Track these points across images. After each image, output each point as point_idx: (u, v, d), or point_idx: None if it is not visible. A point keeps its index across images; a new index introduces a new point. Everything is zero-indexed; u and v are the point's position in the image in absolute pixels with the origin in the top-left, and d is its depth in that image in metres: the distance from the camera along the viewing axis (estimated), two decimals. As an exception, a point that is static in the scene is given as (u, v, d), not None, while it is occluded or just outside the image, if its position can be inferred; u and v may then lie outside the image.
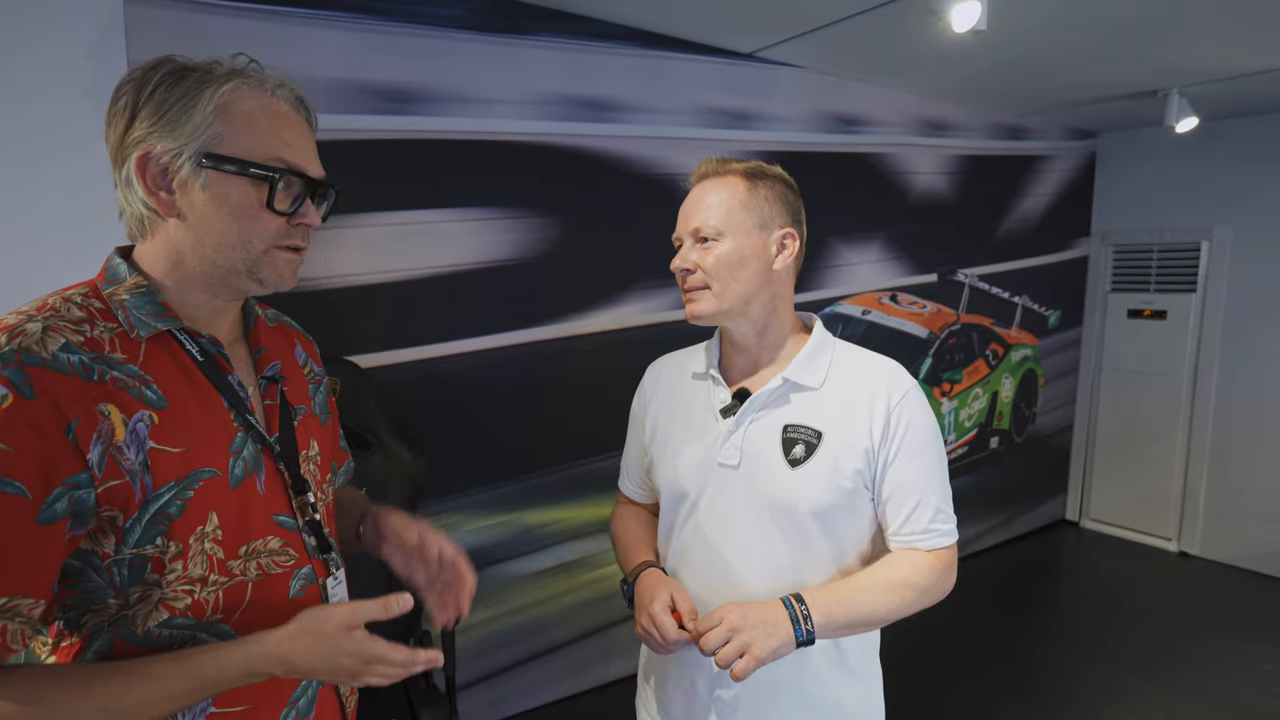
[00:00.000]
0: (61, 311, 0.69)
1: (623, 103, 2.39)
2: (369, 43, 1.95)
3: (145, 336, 0.72)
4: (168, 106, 0.69)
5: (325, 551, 0.83)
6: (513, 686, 2.41)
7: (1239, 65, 2.73)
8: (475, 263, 2.20)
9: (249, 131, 0.71)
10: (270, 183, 0.72)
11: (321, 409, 0.93)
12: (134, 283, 0.73)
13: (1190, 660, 2.81)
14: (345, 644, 0.71)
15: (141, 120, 0.69)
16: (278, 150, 0.73)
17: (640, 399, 1.22)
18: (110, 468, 0.66)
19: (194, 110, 0.69)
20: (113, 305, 0.72)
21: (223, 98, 0.70)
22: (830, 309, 3.07)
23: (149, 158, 0.70)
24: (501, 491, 2.33)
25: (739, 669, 0.90)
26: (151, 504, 0.68)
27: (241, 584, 0.74)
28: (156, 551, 0.69)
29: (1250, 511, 3.61)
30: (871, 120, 3.06)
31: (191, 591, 0.71)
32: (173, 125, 0.69)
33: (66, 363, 0.66)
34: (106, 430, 0.66)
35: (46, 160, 1.53)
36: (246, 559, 0.74)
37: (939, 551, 1.03)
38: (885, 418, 1.01)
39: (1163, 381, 3.87)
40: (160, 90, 0.70)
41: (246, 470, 0.75)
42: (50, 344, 0.65)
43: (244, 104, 0.71)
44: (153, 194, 0.71)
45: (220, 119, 0.70)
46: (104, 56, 1.59)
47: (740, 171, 1.04)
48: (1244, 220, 3.56)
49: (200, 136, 0.70)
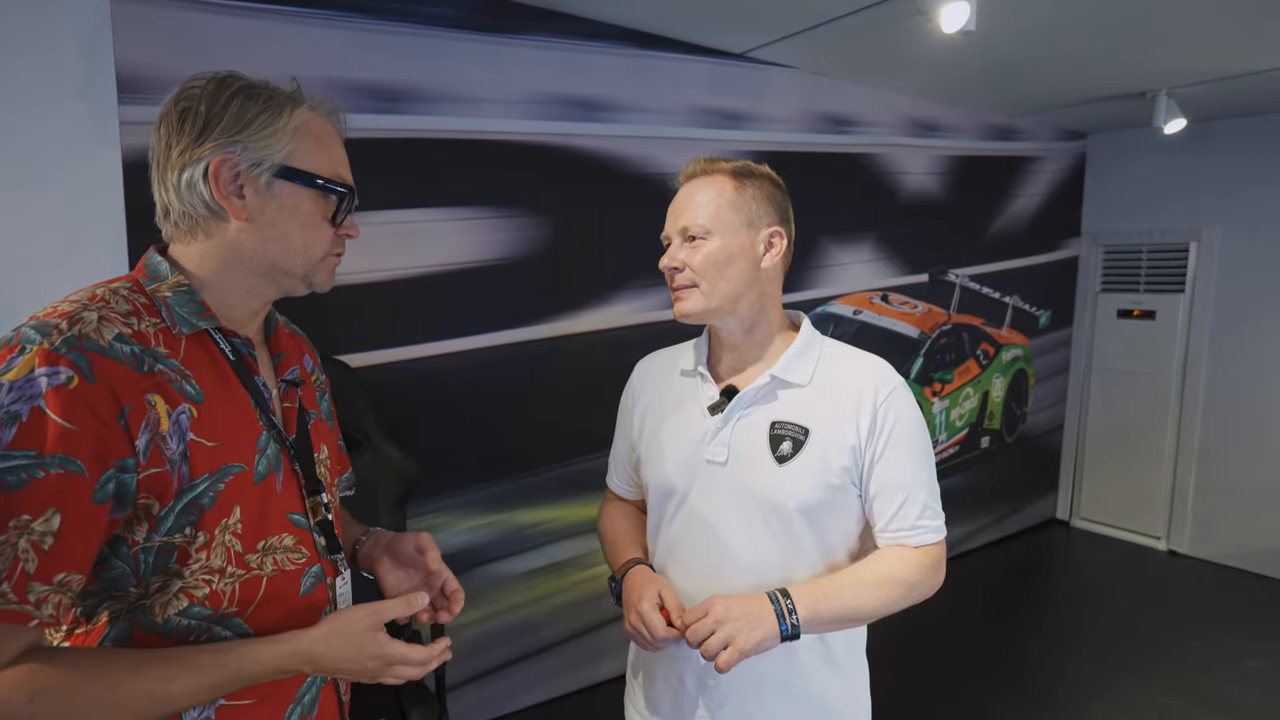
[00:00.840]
0: (111, 303, 0.73)
1: (614, 102, 2.40)
2: (359, 41, 1.95)
3: (186, 333, 0.76)
4: (248, 120, 0.75)
5: (334, 552, 0.86)
6: (503, 686, 2.40)
7: (1226, 67, 2.76)
8: (466, 262, 2.19)
9: (318, 151, 0.80)
10: (339, 198, 0.81)
11: (327, 415, 0.97)
12: (176, 281, 0.77)
13: (1177, 657, 2.83)
14: (370, 646, 0.76)
15: (216, 129, 0.75)
16: (337, 169, 0.82)
17: (629, 396, 1.22)
18: (154, 455, 0.69)
19: (275, 127, 0.76)
20: (156, 301, 0.76)
21: (300, 118, 0.78)
22: (822, 309, 3.08)
23: (226, 163, 0.75)
24: (492, 491, 2.32)
25: (723, 660, 0.91)
26: (186, 493, 0.71)
27: (257, 578, 0.77)
28: (184, 540, 0.71)
29: (1238, 510, 3.63)
30: (863, 120, 3.07)
31: (210, 581, 0.74)
32: (256, 137, 0.75)
33: (121, 352, 0.69)
34: (153, 419, 0.69)
35: (37, 160, 1.52)
36: (264, 554, 0.78)
37: (927, 548, 1.03)
38: (872, 415, 1.02)
39: (1152, 381, 3.89)
40: (236, 103, 0.76)
41: (269, 468, 0.79)
42: (106, 333, 0.69)
43: (313, 126, 0.80)
44: (224, 197, 0.76)
45: (297, 138, 0.78)
46: (93, 55, 1.58)
47: (728, 170, 1.05)
48: (1232, 221, 3.59)
49: (282, 150, 0.77)
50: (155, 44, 1.69)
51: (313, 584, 0.82)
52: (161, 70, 1.69)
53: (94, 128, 1.59)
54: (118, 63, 1.61)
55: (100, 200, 1.60)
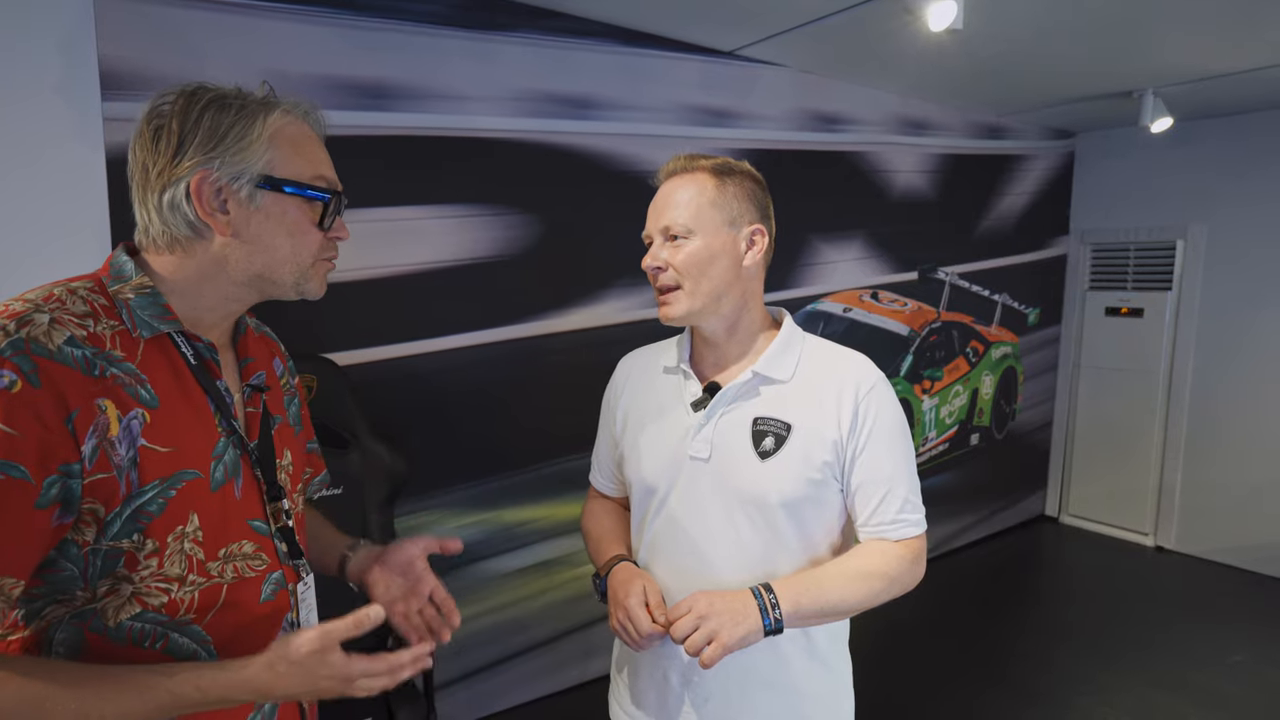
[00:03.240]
0: (66, 304, 0.71)
1: (602, 100, 2.39)
2: (346, 38, 1.94)
3: (146, 337, 0.74)
4: (222, 134, 0.74)
5: (296, 558, 0.85)
6: (492, 685, 2.40)
7: (1212, 66, 2.78)
8: (453, 260, 2.19)
9: (297, 155, 0.78)
10: (325, 203, 0.79)
11: (295, 420, 0.96)
12: (139, 282, 0.76)
13: (1163, 651, 2.86)
14: (320, 669, 0.73)
15: (192, 147, 0.73)
16: (319, 170, 0.80)
17: (611, 392, 1.22)
18: (101, 461, 0.68)
19: (249, 138, 0.74)
20: (118, 303, 0.74)
21: (273, 125, 0.76)
22: (812, 306, 3.08)
23: (206, 180, 0.74)
24: (480, 489, 2.32)
25: (707, 656, 0.91)
26: (134, 500, 0.70)
27: (217, 585, 0.75)
28: (132, 547, 0.70)
29: (1223, 506, 3.66)
30: (852, 119, 3.08)
31: (168, 590, 0.72)
32: (231, 151, 0.74)
33: (70, 356, 0.68)
34: (102, 424, 0.68)
35: (18, 156, 1.51)
36: (225, 561, 0.76)
37: (908, 541, 1.04)
38: (853, 410, 1.02)
39: (1139, 378, 3.92)
40: (209, 117, 0.74)
41: (226, 475, 0.78)
42: (56, 337, 0.68)
43: (289, 130, 0.78)
44: (209, 215, 0.75)
45: (273, 146, 0.76)
46: (75, 51, 1.57)
47: (708, 168, 1.05)
48: (1218, 219, 3.62)
49: (259, 161, 0.75)
50: (139, 39, 1.68)
51: (274, 590, 0.81)
52: (146, 66, 1.68)
53: (77, 124, 1.58)
54: (101, 58, 1.60)
55: (83, 197, 1.58)
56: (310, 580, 0.87)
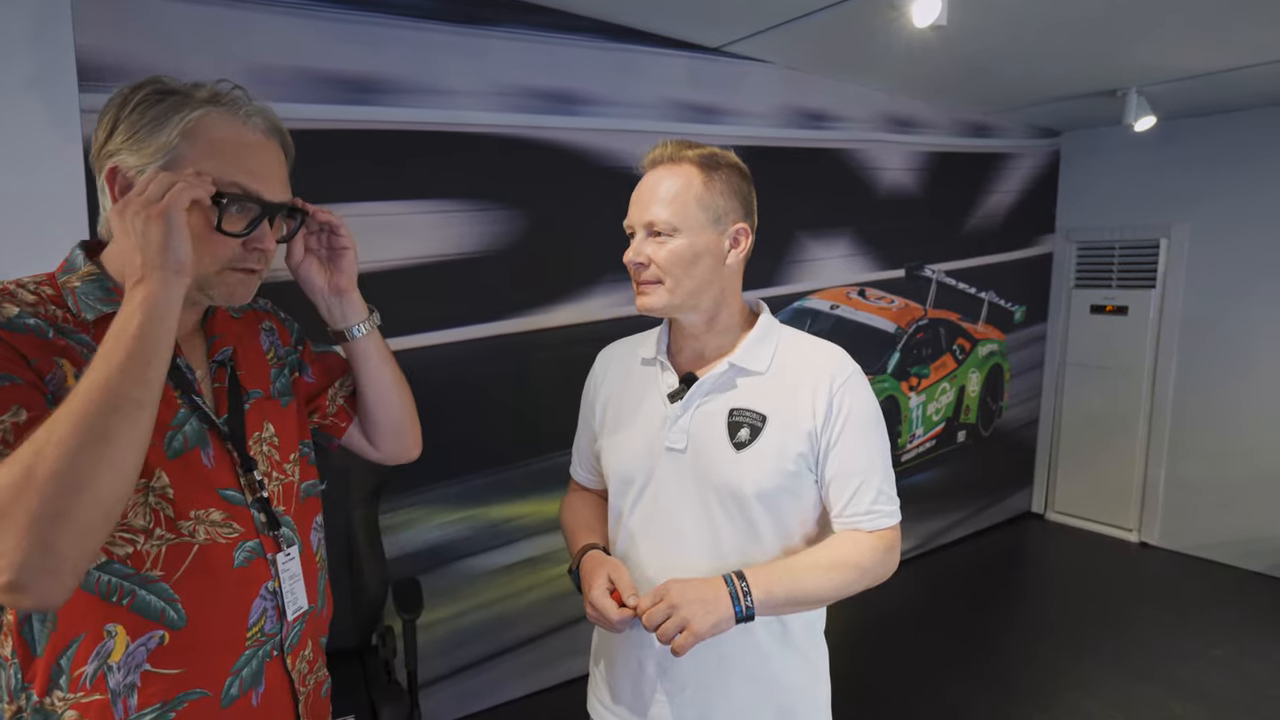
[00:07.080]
0: (14, 293, 0.74)
1: (589, 96, 2.39)
2: (330, 31, 1.93)
3: (91, 319, 0.76)
4: (140, 125, 0.74)
5: (274, 528, 0.86)
6: (477, 683, 2.39)
7: (1195, 65, 2.80)
8: (439, 255, 2.18)
9: (209, 156, 0.75)
10: (220, 206, 0.76)
11: (281, 391, 0.95)
12: (87, 271, 0.78)
13: (1147, 646, 2.88)
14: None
15: (117, 135, 0.75)
16: (236, 176, 0.76)
17: (591, 385, 1.22)
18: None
19: (160, 132, 0.74)
20: (64, 292, 0.76)
21: (191, 123, 0.74)
22: (799, 303, 3.09)
23: (117, 172, 0.75)
24: (466, 486, 2.31)
25: (679, 644, 0.91)
26: None
27: (187, 544, 0.77)
28: None
29: (1206, 502, 3.70)
30: (839, 116, 3.08)
31: (134, 541, 0.74)
32: (140, 143, 0.74)
33: (23, 325, 0.71)
34: (59, 376, 0.72)
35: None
36: (196, 522, 0.79)
37: (881, 532, 1.04)
38: (828, 401, 1.02)
39: (1124, 376, 3.95)
40: (137, 110, 0.75)
41: (186, 444, 0.79)
42: (7, 310, 0.71)
43: (212, 131, 0.76)
44: None
45: (185, 142, 0.74)
46: (49, 44, 1.56)
47: (695, 160, 1.03)
48: (1201, 217, 3.65)
49: (162, 157, 0.74)
50: (118, 31, 1.66)
51: (247, 558, 0.82)
52: (126, 58, 1.67)
53: (54, 117, 1.56)
54: (78, 50, 1.59)
55: (61, 192, 1.57)
56: (294, 552, 0.88)
